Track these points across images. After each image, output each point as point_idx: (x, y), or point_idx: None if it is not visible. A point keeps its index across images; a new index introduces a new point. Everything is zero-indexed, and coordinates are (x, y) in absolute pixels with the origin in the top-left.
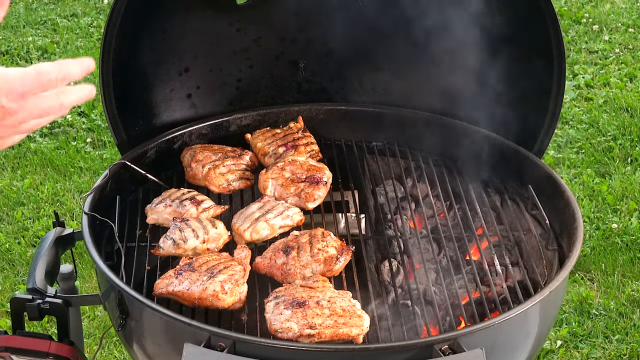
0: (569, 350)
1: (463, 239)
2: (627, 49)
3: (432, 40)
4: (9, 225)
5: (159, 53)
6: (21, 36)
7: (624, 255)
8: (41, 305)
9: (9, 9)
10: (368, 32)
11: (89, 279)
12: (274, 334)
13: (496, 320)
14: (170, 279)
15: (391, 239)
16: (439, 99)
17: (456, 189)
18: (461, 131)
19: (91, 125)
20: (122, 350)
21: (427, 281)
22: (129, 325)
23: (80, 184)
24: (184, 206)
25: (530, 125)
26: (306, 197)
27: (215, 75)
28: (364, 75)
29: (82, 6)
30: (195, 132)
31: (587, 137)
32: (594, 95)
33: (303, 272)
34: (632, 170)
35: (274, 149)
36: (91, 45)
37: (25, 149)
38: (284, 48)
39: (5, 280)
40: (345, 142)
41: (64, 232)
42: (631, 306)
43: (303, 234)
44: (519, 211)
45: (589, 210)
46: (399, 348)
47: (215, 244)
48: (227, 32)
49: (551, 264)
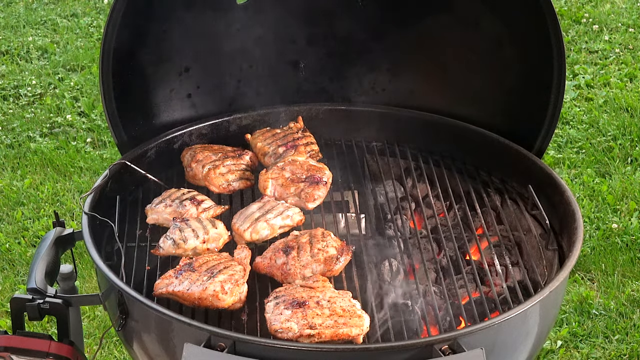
0: (569, 350)
1: (463, 239)
2: (627, 49)
3: (432, 40)
4: (9, 225)
5: (159, 53)
6: (21, 36)
7: (624, 255)
8: (41, 305)
9: (9, 9)
10: (368, 32)
11: (89, 279)
12: (274, 334)
13: (496, 320)
14: (170, 279)
15: (391, 239)
16: (439, 99)
17: (456, 189)
18: (461, 131)
19: (91, 125)
20: (122, 350)
21: (427, 281)
22: (129, 325)
23: (80, 184)
24: (184, 206)
25: (530, 125)
26: (306, 197)
27: (215, 75)
28: (364, 75)
29: (82, 6)
30: (195, 132)
31: (587, 137)
32: (594, 95)
33: (303, 272)
34: (632, 170)
35: (274, 149)
36: (91, 45)
37: (25, 149)
38: (284, 48)
39: (5, 280)
40: (345, 142)
41: (64, 232)
42: (631, 306)
43: (303, 234)
44: (519, 211)
45: (589, 210)
46: (399, 348)
47: (215, 244)
48: (227, 32)
49: (551, 264)
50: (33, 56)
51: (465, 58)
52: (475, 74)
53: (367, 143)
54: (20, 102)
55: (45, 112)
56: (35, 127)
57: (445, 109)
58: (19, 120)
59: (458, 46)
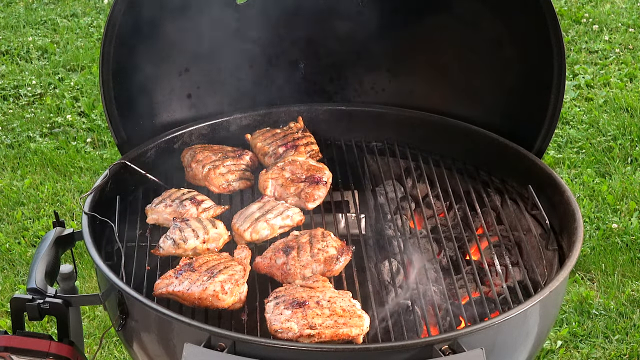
0: (569, 350)
1: (463, 239)
2: (627, 49)
3: (432, 40)
4: (9, 225)
5: (159, 53)
6: (21, 36)
7: (624, 255)
8: (41, 305)
9: (9, 9)
10: (368, 32)
11: (89, 279)
12: (274, 334)
13: (496, 320)
14: (170, 279)
15: (391, 239)
16: (439, 99)
17: (456, 189)
18: (461, 131)
19: (91, 125)
20: (122, 350)
21: (427, 281)
22: (129, 325)
23: (80, 184)
24: (184, 206)
25: (530, 125)
26: (306, 197)
27: (215, 75)
28: (364, 75)
29: (82, 6)
30: (195, 132)
31: (587, 137)
32: (594, 95)
33: (303, 272)
34: (632, 170)
35: (274, 149)
36: (91, 45)
37: (25, 149)
38: (284, 48)
39: (5, 280)
40: (345, 142)
41: (64, 232)
42: (631, 306)
43: (303, 234)
44: (519, 211)
45: (589, 210)
46: (399, 348)
47: (215, 244)
48: (227, 32)
49: (551, 264)
50: (33, 56)
51: (465, 58)
52: (475, 74)
53: (367, 143)
54: (20, 102)
55: (45, 112)
56: (35, 127)
57: (445, 109)
58: (19, 120)
59: (458, 46)
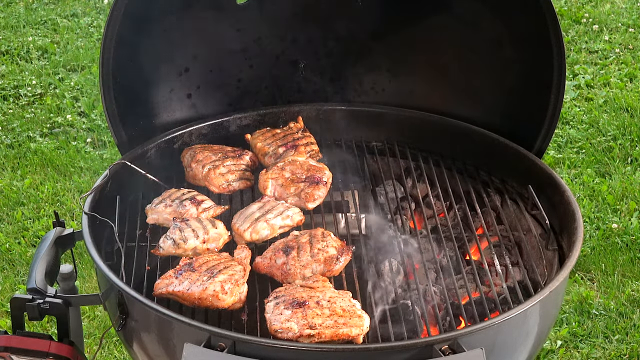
0: (569, 350)
1: (463, 239)
2: (627, 49)
3: (432, 40)
4: (9, 225)
5: (159, 53)
6: (21, 36)
7: (624, 255)
8: (41, 305)
9: (9, 9)
10: (368, 32)
11: (89, 279)
12: (274, 334)
13: (496, 320)
14: (170, 279)
15: (391, 239)
16: (439, 99)
17: (456, 189)
18: (461, 131)
19: (91, 125)
20: (122, 350)
21: (427, 281)
22: (129, 325)
23: (80, 184)
24: (184, 206)
25: (530, 125)
26: (306, 197)
27: (215, 75)
28: (364, 75)
29: (82, 6)
30: (195, 132)
31: (587, 137)
32: (594, 95)
33: (303, 272)
34: (632, 170)
35: (274, 149)
36: (91, 45)
37: (25, 149)
38: (284, 48)
39: (5, 280)
40: (345, 142)
41: (64, 232)
42: (631, 306)
43: (303, 234)
44: (519, 211)
45: (589, 210)
46: (399, 348)
47: (215, 244)
48: (227, 32)
49: (551, 264)
50: (33, 56)
51: (465, 58)
52: (475, 74)
53: (367, 143)
54: (20, 102)
55: (45, 112)
56: (35, 127)
57: (445, 109)
58: (19, 120)
59: (458, 46)
